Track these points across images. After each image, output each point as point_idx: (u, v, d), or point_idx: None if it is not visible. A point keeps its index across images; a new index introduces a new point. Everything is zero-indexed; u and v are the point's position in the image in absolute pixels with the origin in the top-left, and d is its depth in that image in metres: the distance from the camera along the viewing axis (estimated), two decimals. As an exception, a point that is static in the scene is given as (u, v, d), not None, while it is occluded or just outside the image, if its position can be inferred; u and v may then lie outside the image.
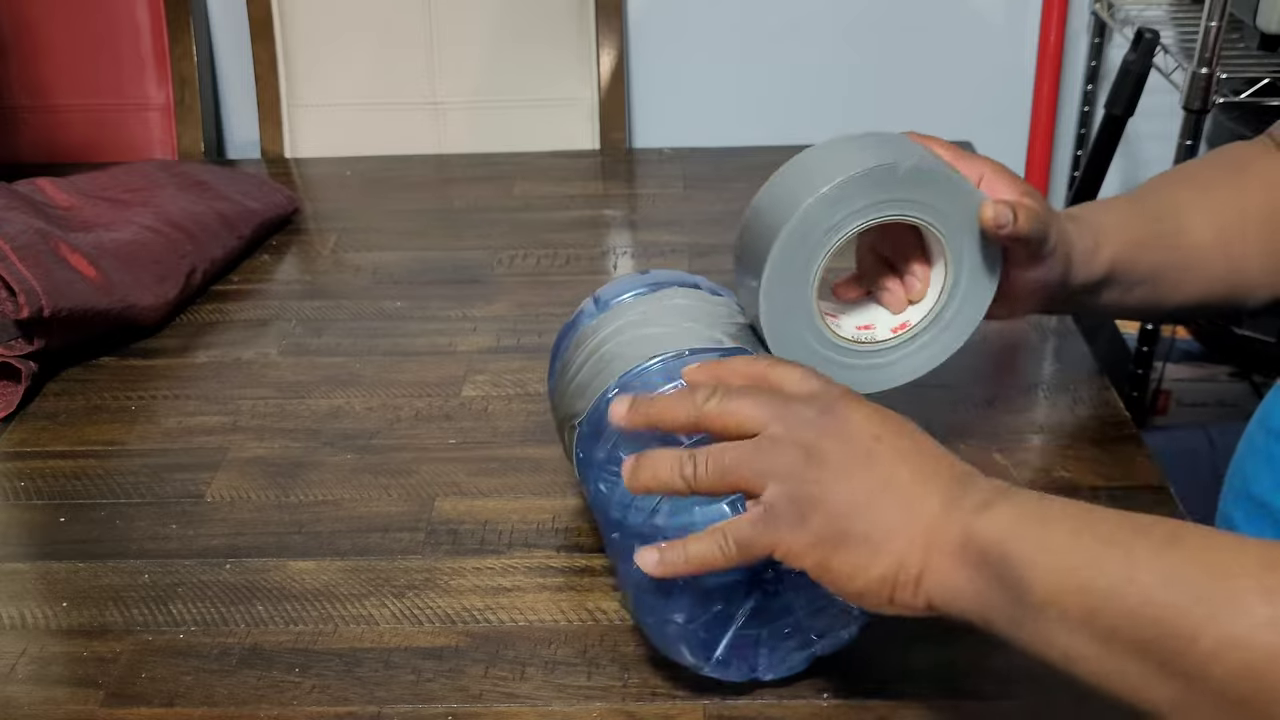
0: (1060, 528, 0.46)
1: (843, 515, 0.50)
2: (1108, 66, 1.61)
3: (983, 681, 0.61)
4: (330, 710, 0.61)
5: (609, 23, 1.48)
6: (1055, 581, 0.45)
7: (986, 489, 0.50)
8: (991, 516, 0.48)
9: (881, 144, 0.64)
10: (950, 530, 0.48)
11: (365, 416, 0.86)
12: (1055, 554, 0.46)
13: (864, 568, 0.50)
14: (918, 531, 0.49)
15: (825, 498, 0.50)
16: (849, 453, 0.51)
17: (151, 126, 1.49)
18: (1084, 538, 0.46)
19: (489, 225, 1.17)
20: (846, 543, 0.50)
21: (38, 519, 0.77)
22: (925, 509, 0.49)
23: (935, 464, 0.51)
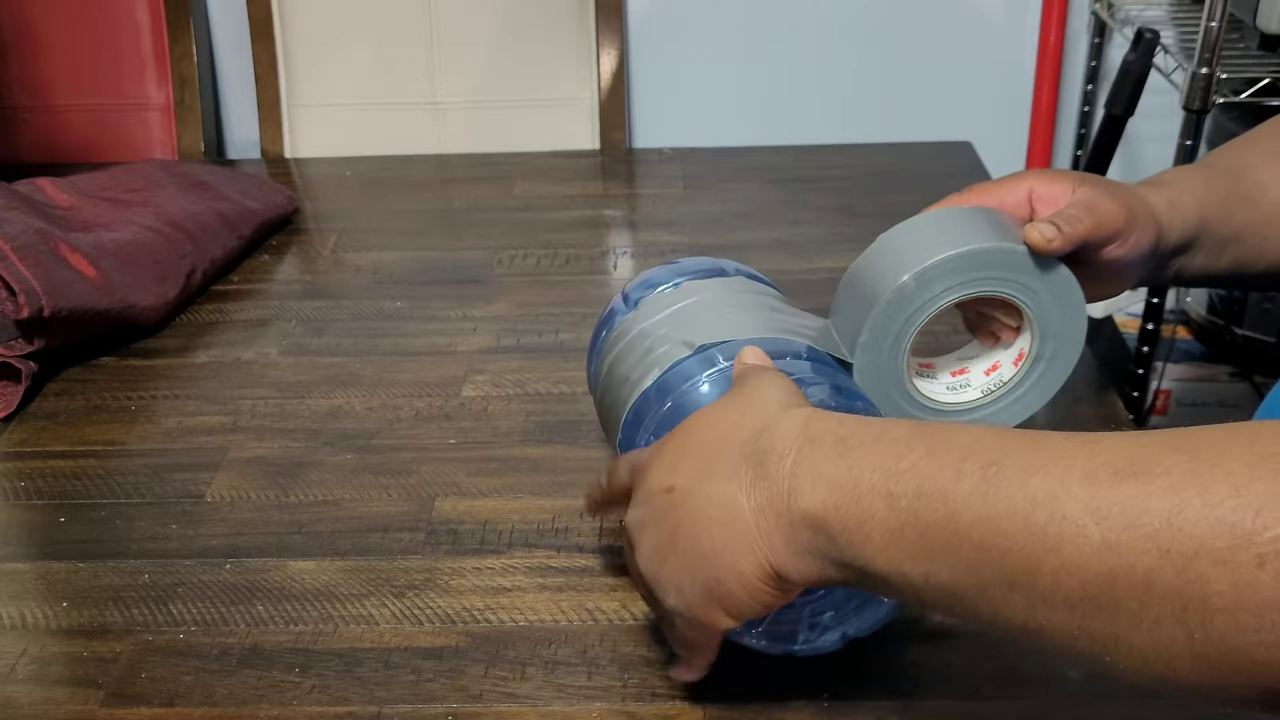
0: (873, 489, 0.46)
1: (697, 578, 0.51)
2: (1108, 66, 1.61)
3: (983, 681, 0.61)
4: (330, 710, 0.61)
5: (609, 23, 1.48)
6: (886, 553, 0.45)
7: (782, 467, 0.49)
8: (800, 501, 0.48)
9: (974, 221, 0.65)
10: (768, 525, 0.49)
11: (365, 416, 0.86)
12: (876, 523, 0.45)
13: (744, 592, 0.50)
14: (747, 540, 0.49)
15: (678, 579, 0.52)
16: (661, 527, 0.53)
17: (151, 126, 1.49)
18: (900, 499, 0.45)
19: (489, 225, 1.17)
20: (718, 592, 0.51)
21: (38, 519, 0.77)
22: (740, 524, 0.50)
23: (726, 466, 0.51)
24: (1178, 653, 0.38)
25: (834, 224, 1.14)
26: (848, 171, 1.26)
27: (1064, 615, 0.41)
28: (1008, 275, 0.64)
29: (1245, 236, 0.68)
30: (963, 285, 0.63)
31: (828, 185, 1.23)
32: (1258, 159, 0.70)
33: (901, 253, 0.64)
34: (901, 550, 0.45)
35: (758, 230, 1.13)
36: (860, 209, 1.17)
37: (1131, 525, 0.39)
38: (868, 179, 1.24)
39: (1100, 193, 0.64)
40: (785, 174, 1.25)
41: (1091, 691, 0.60)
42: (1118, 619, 0.39)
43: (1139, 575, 0.39)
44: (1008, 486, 0.42)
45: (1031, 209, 0.67)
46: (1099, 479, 0.40)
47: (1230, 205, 0.68)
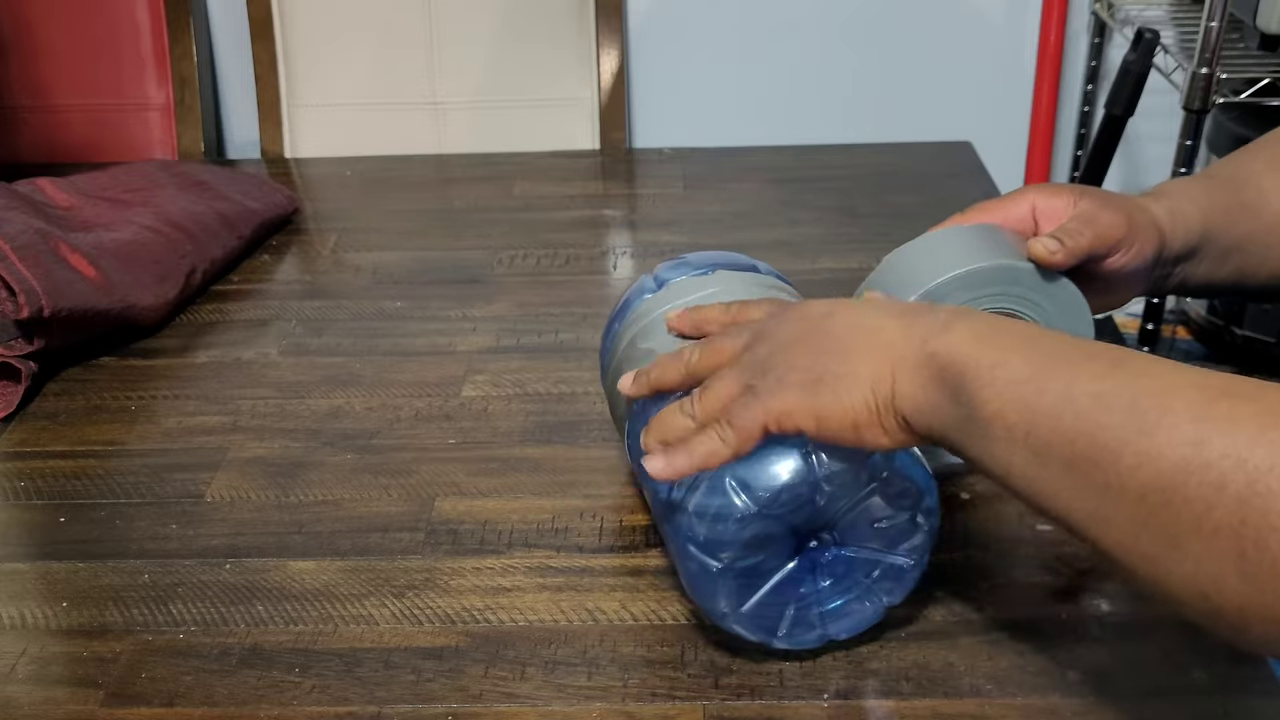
0: (1012, 348, 0.50)
1: (814, 364, 0.54)
2: (1108, 66, 1.61)
3: (983, 681, 0.61)
4: (330, 710, 0.61)
5: (609, 23, 1.48)
6: (1001, 398, 0.49)
7: (944, 313, 0.54)
8: (949, 337, 0.52)
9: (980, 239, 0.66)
10: (910, 351, 0.53)
11: (365, 416, 0.86)
12: (1005, 370, 0.49)
13: (847, 401, 0.53)
14: (882, 356, 0.53)
15: (795, 359, 0.55)
16: (808, 325, 0.57)
17: (151, 126, 1.49)
18: (1033, 357, 0.49)
19: (489, 225, 1.17)
20: (823, 384, 0.54)
21: (38, 519, 0.77)
22: (886, 336, 0.54)
23: (891, 308, 0.57)
24: (1227, 568, 0.41)
25: (834, 224, 1.14)
26: (848, 171, 1.26)
27: (1133, 506, 0.43)
28: (1015, 291, 0.65)
29: (1248, 245, 0.69)
30: (971, 302, 0.64)
31: (828, 185, 1.23)
32: (1259, 168, 0.71)
33: (911, 271, 0.66)
34: (1015, 400, 0.48)
35: (758, 230, 1.13)
36: (860, 209, 1.17)
37: (1222, 432, 0.42)
38: (868, 179, 1.24)
39: (1100, 204, 0.65)
40: (785, 174, 1.25)
41: (1092, 692, 0.60)
42: (1181, 519, 0.42)
43: (1213, 475, 0.41)
44: (1126, 376, 0.46)
45: (1035, 224, 0.68)
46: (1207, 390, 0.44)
47: (1232, 214, 0.69)
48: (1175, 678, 0.61)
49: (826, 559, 0.60)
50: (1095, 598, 0.66)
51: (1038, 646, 0.63)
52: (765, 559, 0.59)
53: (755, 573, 0.59)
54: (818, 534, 0.60)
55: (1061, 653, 0.62)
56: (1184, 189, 0.70)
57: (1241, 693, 0.60)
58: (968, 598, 0.66)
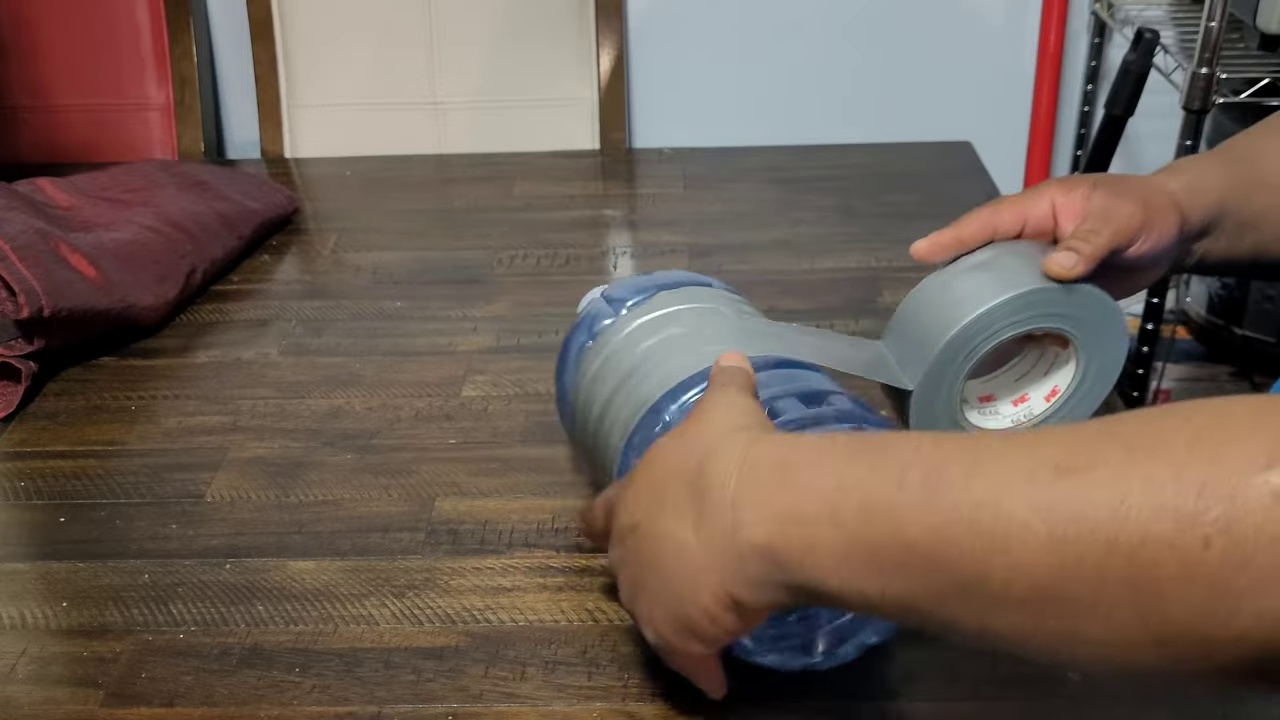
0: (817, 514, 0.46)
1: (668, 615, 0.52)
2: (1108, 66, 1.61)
3: (983, 681, 0.61)
4: (330, 710, 0.61)
5: (609, 23, 1.48)
6: (837, 575, 0.45)
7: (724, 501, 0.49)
8: (744, 536, 0.48)
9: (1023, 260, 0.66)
10: (719, 563, 0.49)
11: (365, 416, 0.86)
12: (825, 547, 0.45)
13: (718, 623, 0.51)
14: (702, 578, 0.50)
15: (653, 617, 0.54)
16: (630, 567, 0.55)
17: (151, 126, 1.49)
18: (845, 520, 0.45)
19: (489, 225, 1.17)
20: (688, 626, 0.52)
21: (38, 519, 0.77)
22: (690, 557, 0.50)
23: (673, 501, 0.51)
24: (1135, 639, 0.39)
25: (834, 224, 1.14)
26: (848, 171, 1.26)
27: (1018, 615, 0.41)
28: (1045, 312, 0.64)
29: (1264, 221, 0.68)
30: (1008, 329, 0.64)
31: (828, 185, 1.23)
32: (1273, 145, 0.70)
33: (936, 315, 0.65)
34: (853, 570, 0.45)
35: (758, 230, 1.13)
36: (860, 209, 1.17)
37: (1076, 518, 0.39)
38: (868, 179, 1.24)
39: (1114, 195, 0.64)
40: (785, 174, 1.25)
41: (1092, 692, 0.60)
42: (1072, 612, 0.40)
43: (1089, 567, 0.39)
44: (950, 492, 0.42)
45: (1055, 221, 0.67)
46: (1040, 476, 0.41)
47: (1248, 189, 0.68)
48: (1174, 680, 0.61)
49: None
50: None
51: (1038, 646, 0.63)
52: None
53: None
54: None
55: (1061, 653, 0.62)
56: (1199, 165, 0.69)
57: (1240, 694, 0.60)
58: (968, 598, 0.66)
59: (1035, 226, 0.67)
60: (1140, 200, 0.64)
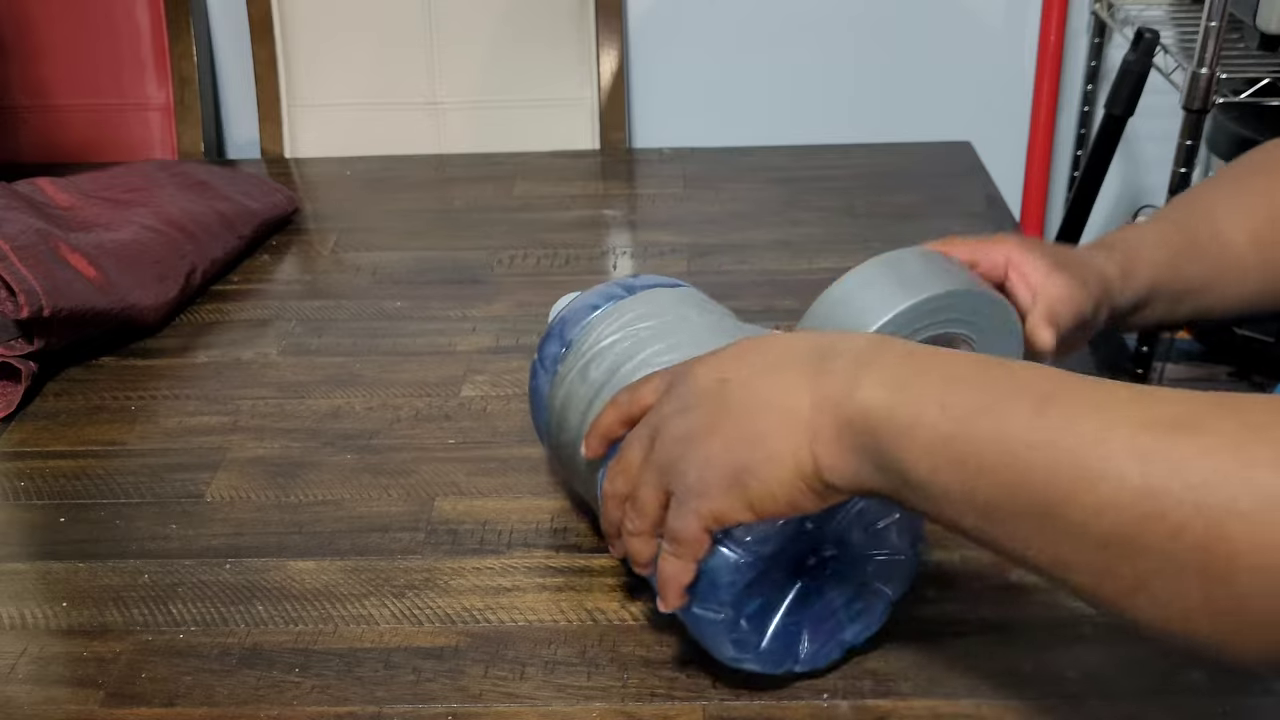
0: (930, 397, 0.47)
1: (730, 459, 0.52)
2: (1108, 66, 1.61)
3: (982, 682, 0.61)
4: (330, 710, 0.61)
5: (609, 23, 1.48)
6: (931, 458, 0.46)
7: (851, 360, 0.50)
8: (859, 396, 0.48)
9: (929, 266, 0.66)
10: (823, 419, 0.50)
11: (365, 416, 0.86)
12: (925, 430, 0.46)
13: (777, 485, 0.51)
14: (797, 431, 0.50)
15: (708, 453, 0.52)
16: (705, 411, 0.53)
17: (151, 126, 1.49)
18: (956, 410, 0.46)
19: (489, 225, 1.17)
20: (747, 475, 0.51)
21: (38, 519, 0.77)
22: (794, 407, 0.50)
23: (791, 364, 0.52)
24: (1194, 605, 0.40)
25: (834, 224, 1.14)
26: (848, 171, 1.26)
27: (1092, 553, 0.42)
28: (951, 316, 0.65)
29: (1203, 288, 0.70)
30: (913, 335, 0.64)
31: (828, 185, 1.23)
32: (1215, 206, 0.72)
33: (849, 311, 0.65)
34: (946, 460, 0.46)
35: (758, 230, 1.13)
36: (860, 209, 1.17)
37: (1171, 475, 0.40)
38: (868, 179, 1.24)
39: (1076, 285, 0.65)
40: (785, 174, 1.25)
41: (1092, 692, 0.60)
42: (1143, 563, 0.41)
43: (1170, 523, 0.40)
44: (1060, 419, 0.44)
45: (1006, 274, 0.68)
46: (1149, 426, 0.42)
47: (1187, 259, 0.69)
48: (1173, 678, 0.61)
49: (826, 572, 0.60)
50: (1095, 598, 0.66)
51: (1037, 646, 0.63)
52: (767, 597, 0.58)
53: (761, 611, 0.59)
54: (819, 552, 0.60)
55: (1061, 653, 0.62)
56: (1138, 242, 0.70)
57: (1239, 693, 0.60)
58: (967, 598, 0.66)
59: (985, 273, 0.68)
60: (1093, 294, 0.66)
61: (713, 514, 0.53)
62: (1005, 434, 0.44)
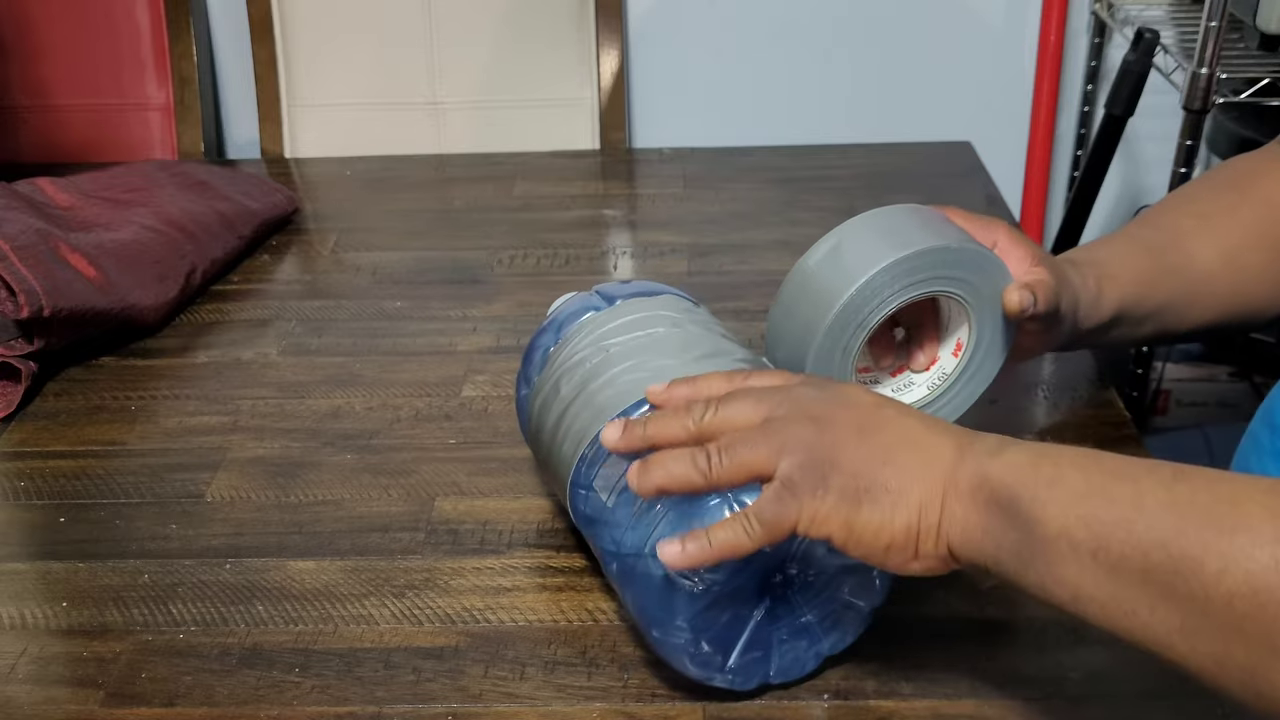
0: (1069, 466, 0.48)
1: (862, 471, 0.51)
2: (1108, 66, 1.61)
3: (982, 681, 0.61)
4: (330, 710, 0.61)
5: (609, 23, 1.48)
6: (1064, 515, 0.46)
7: (996, 437, 0.52)
8: (1003, 459, 0.49)
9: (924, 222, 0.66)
10: (964, 474, 0.50)
11: (365, 416, 0.86)
12: (1064, 488, 0.47)
13: (889, 520, 0.50)
14: (935, 477, 0.50)
15: (842, 458, 0.51)
16: (858, 416, 0.52)
17: (151, 126, 1.49)
18: (1092, 474, 0.47)
19: (489, 225, 1.17)
20: (869, 497, 0.50)
21: (38, 519, 0.77)
22: (940, 456, 0.51)
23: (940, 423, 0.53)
24: None
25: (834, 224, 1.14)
26: (848, 171, 1.26)
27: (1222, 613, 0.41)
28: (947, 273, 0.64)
29: (1168, 308, 0.70)
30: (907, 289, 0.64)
31: (828, 185, 1.23)
32: (1184, 225, 0.72)
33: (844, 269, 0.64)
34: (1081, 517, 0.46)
35: (758, 230, 1.13)
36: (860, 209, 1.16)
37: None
38: (868, 179, 1.24)
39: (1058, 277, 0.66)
40: (785, 174, 1.25)
41: (1092, 692, 0.60)
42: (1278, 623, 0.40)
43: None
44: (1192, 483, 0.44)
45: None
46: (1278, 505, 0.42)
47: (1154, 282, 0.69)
48: (1174, 679, 0.60)
49: (794, 589, 0.59)
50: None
51: (1037, 647, 0.63)
52: (733, 614, 0.58)
53: (726, 631, 0.58)
54: (784, 571, 0.59)
55: (1061, 653, 0.62)
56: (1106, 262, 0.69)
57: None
58: (968, 598, 0.66)
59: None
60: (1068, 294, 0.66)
61: (814, 518, 0.51)
62: (1140, 493, 0.45)
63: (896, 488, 0.50)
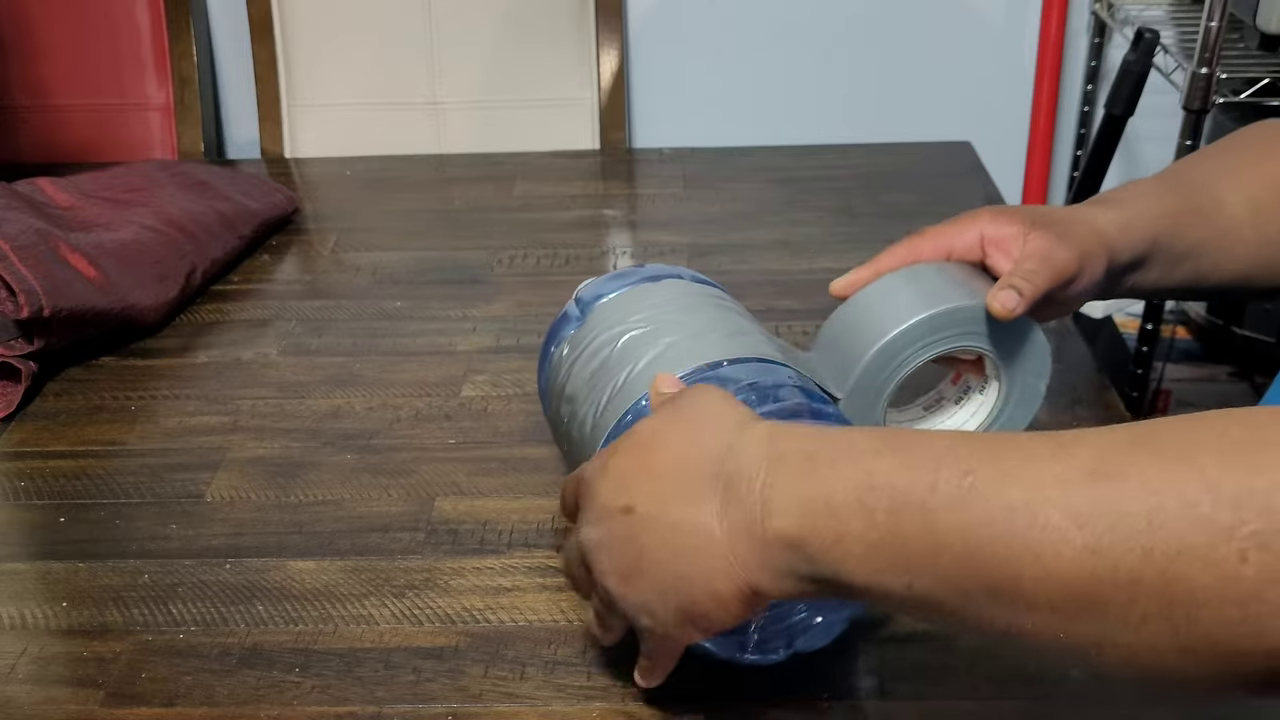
0: (848, 510, 0.45)
1: (672, 602, 0.51)
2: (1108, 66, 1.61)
3: (982, 681, 0.61)
4: (330, 710, 0.61)
5: (609, 23, 1.48)
6: (865, 567, 0.45)
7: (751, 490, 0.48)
8: (774, 524, 0.47)
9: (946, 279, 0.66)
10: (743, 549, 0.48)
11: (365, 416, 0.86)
12: (853, 541, 0.45)
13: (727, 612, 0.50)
14: (723, 564, 0.49)
15: (648, 601, 0.52)
16: (621, 550, 0.52)
17: (151, 126, 1.49)
18: (877, 513, 0.44)
19: (489, 225, 1.17)
20: (694, 614, 0.51)
21: (38, 519, 0.77)
22: (711, 543, 0.49)
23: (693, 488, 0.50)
24: (1164, 648, 0.39)
25: (834, 224, 1.14)
26: (847, 171, 1.26)
27: (1048, 619, 0.41)
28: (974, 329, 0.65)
29: (1201, 251, 0.69)
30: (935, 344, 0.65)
31: (828, 185, 1.23)
32: (1212, 173, 0.71)
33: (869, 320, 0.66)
34: (881, 563, 0.45)
35: (758, 230, 1.13)
36: (860, 209, 1.17)
37: (1112, 527, 0.39)
38: (867, 179, 1.24)
39: (1054, 240, 0.64)
40: (785, 174, 1.25)
41: (1093, 692, 0.60)
42: (1104, 620, 0.40)
43: (1123, 576, 0.39)
44: (984, 494, 0.42)
45: (983, 251, 0.67)
46: (1074, 481, 0.41)
47: (1184, 221, 0.68)
48: (1175, 678, 0.61)
49: None
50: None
51: (1037, 646, 0.63)
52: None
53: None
54: None
55: (1061, 653, 0.62)
56: (1136, 197, 0.69)
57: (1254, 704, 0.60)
58: (967, 598, 0.66)
59: (960, 256, 0.67)
60: (1078, 247, 0.65)
61: (678, 642, 0.54)
62: (934, 525, 0.43)
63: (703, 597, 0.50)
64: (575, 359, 0.68)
